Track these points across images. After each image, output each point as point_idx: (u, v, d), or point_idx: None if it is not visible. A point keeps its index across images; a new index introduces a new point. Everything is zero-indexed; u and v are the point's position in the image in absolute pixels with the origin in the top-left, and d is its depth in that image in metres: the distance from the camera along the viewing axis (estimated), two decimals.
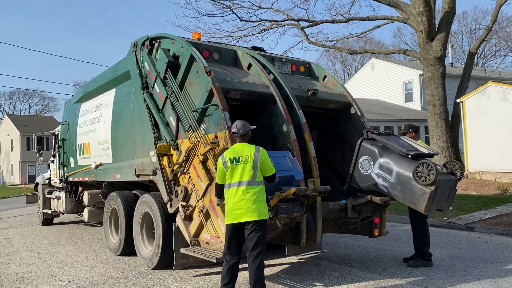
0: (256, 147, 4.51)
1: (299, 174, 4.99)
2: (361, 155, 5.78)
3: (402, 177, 5.26)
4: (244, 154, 4.45)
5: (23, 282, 5.97)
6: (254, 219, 4.34)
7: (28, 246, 8.80)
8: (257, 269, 4.35)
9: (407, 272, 5.73)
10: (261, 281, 4.34)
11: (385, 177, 5.45)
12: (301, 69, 7.15)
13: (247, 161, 4.42)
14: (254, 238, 4.38)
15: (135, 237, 6.88)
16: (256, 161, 4.41)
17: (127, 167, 7.26)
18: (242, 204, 4.35)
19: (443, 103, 14.98)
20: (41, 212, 12.04)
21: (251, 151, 4.46)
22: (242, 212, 4.35)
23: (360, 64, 55.67)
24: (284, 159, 5.00)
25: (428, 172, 5.01)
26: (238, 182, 4.41)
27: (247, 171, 4.40)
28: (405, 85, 31.36)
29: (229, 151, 4.58)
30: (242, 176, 4.40)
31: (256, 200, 4.35)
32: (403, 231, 8.77)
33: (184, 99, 5.76)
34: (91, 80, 9.82)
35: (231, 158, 4.47)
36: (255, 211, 4.34)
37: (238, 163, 4.44)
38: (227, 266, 4.51)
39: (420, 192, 5.06)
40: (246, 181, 4.39)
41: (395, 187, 5.35)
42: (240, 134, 4.61)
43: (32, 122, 52.65)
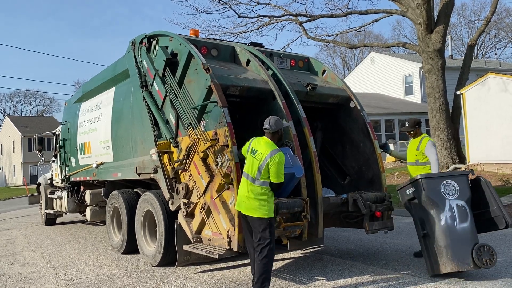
0: (273, 150, 4.41)
1: (299, 171, 4.99)
2: None
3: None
4: (261, 151, 4.45)
5: (27, 282, 5.99)
6: (252, 215, 4.40)
7: (31, 246, 8.83)
8: (260, 263, 4.35)
9: (409, 265, 5.74)
10: (264, 276, 4.33)
11: None
12: (300, 64, 7.15)
13: (257, 158, 4.44)
14: (256, 234, 4.42)
15: (137, 235, 6.89)
16: (264, 163, 4.38)
17: (128, 166, 7.27)
18: (244, 198, 4.44)
19: (443, 96, 14.95)
20: (44, 212, 12.07)
21: (266, 151, 4.41)
22: (243, 205, 4.46)
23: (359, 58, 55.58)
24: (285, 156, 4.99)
25: (489, 256, 4.77)
26: (246, 174, 4.50)
27: (254, 168, 4.44)
28: (405, 78, 31.30)
29: (256, 140, 4.63)
30: (251, 170, 4.47)
31: (254, 198, 4.39)
32: (405, 224, 8.78)
33: (183, 97, 5.75)
34: (90, 79, 9.82)
35: (252, 148, 4.55)
36: (252, 208, 4.39)
37: (253, 155, 4.50)
38: (252, 257, 4.60)
39: None
40: (251, 177, 4.44)
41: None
42: (271, 131, 4.58)
43: (33, 123, 52.72)
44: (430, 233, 5.03)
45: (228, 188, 4.89)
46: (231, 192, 4.88)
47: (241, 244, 4.78)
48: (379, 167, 6.22)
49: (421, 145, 6.10)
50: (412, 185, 5.23)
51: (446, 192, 5.05)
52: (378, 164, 6.23)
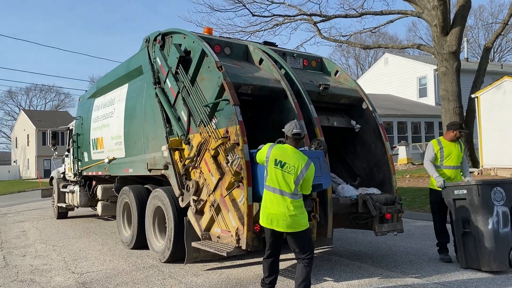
0: (307, 162, 4.17)
1: (327, 183, 4.82)
2: None
3: None
4: (292, 163, 4.14)
5: (37, 273, 6.08)
6: (293, 231, 4.15)
7: (43, 239, 8.96)
8: (306, 272, 4.20)
9: (419, 269, 5.70)
10: (305, 282, 4.20)
11: None
12: (312, 64, 7.13)
13: (291, 173, 4.12)
14: (298, 246, 4.22)
15: (147, 231, 6.95)
16: (301, 177, 4.12)
17: (139, 162, 7.33)
18: (284, 216, 4.11)
19: (458, 98, 14.78)
20: (56, 205, 12.23)
21: (300, 164, 4.13)
22: (283, 223, 4.13)
23: (373, 59, 55.24)
24: (316, 162, 4.61)
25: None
26: (280, 191, 4.14)
27: (288, 182, 4.12)
28: (419, 80, 31.03)
29: (278, 150, 4.25)
30: (283, 185, 4.14)
31: (295, 214, 4.12)
32: (415, 227, 8.71)
33: (196, 94, 5.78)
34: (104, 75, 9.92)
35: (276, 160, 4.18)
36: (297, 224, 4.13)
37: (281, 168, 4.15)
38: (267, 264, 4.42)
39: None
40: (288, 193, 4.13)
41: None
42: (302, 137, 4.34)
43: (47, 117, 53.43)
44: (475, 234, 5.42)
45: (238, 186, 4.90)
46: (240, 190, 4.89)
47: (249, 243, 4.78)
48: (390, 169, 6.18)
49: (462, 147, 6.28)
50: (465, 188, 5.55)
51: (495, 199, 5.45)
52: (389, 166, 6.19)
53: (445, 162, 6.14)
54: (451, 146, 6.19)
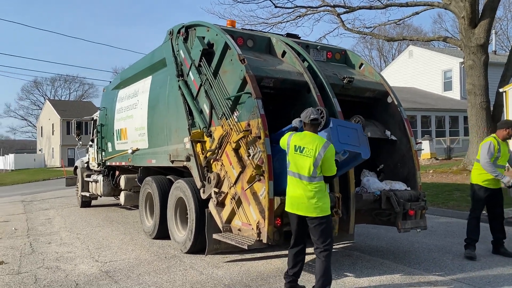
0: (326, 142, 4.26)
1: (366, 153, 4.84)
2: None
3: None
4: (310, 147, 4.22)
5: (62, 261, 6.23)
6: (314, 215, 4.19)
7: (67, 227, 9.17)
8: (326, 263, 4.21)
9: (442, 266, 5.60)
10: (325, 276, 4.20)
11: None
12: (336, 57, 7.03)
13: (310, 156, 4.19)
14: (317, 234, 4.25)
15: (169, 221, 7.03)
16: (319, 158, 4.17)
17: (162, 153, 7.40)
18: (303, 199, 4.22)
19: (485, 93, 14.41)
20: (80, 194, 12.49)
21: (318, 145, 4.20)
22: (302, 206, 4.22)
23: (397, 51, 54.27)
24: (354, 133, 4.81)
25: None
26: (298, 175, 4.26)
27: (307, 166, 4.20)
28: (444, 73, 30.35)
29: (297, 136, 4.38)
30: (303, 169, 4.23)
31: (315, 196, 4.18)
32: (438, 224, 8.56)
33: (218, 87, 5.78)
34: (128, 67, 10.02)
35: (296, 146, 4.31)
36: (315, 207, 4.19)
37: (301, 153, 4.26)
38: (292, 255, 4.48)
39: None
40: (305, 176, 4.22)
41: None
42: (319, 122, 4.44)
43: (72, 107, 54.44)
44: None
45: (259, 180, 4.88)
46: (262, 183, 4.88)
47: (270, 236, 4.78)
48: (414, 164, 6.07)
49: (510, 148, 6.22)
50: None
51: None
52: (413, 161, 6.08)
53: (498, 161, 6.09)
54: (504, 145, 6.15)
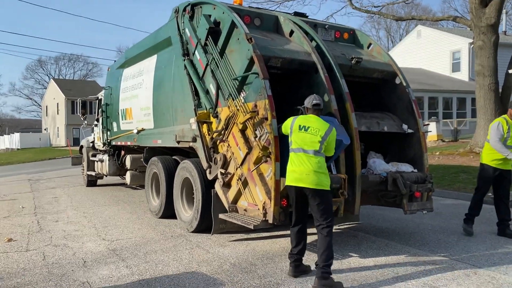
0: (330, 125, 4.44)
1: (347, 139, 4.95)
2: None
3: None
4: (315, 126, 4.39)
5: (70, 239, 6.30)
6: (316, 187, 4.28)
7: (74, 206, 9.25)
8: (327, 238, 4.25)
9: (447, 248, 5.62)
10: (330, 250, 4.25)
11: None
12: (344, 36, 6.91)
13: (316, 134, 4.35)
14: (319, 211, 4.31)
15: (175, 201, 7.07)
16: (325, 138, 4.35)
17: (168, 133, 7.39)
18: (309, 171, 4.29)
19: (494, 74, 14.21)
20: (86, 174, 12.57)
21: (324, 127, 4.39)
22: (307, 178, 4.29)
23: (405, 32, 53.52)
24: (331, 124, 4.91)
25: None
26: (303, 149, 4.36)
27: (314, 142, 4.33)
28: (453, 54, 29.92)
29: (301, 118, 4.52)
30: (308, 145, 4.35)
31: (318, 170, 4.28)
32: (443, 206, 8.57)
33: (224, 67, 5.72)
34: (133, 46, 9.93)
35: (300, 125, 4.44)
36: (316, 180, 4.27)
37: (306, 131, 4.39)
38: (294, 232, 4.56)
39: None
40: (312, 150, 4.33)
41: None
42: (321, 107, 4.58)
43: (76, 86, 54.37)
44: None
45: (266, 161, 4.87)
46: (268, 165, 4.87)
47: (276, 217, 4.79)
48: (421, 146, 6.03)
49: None
50: None
51: None
52: (420, 143, 6.04)
53: (508, 142, 6.13)
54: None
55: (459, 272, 4.65)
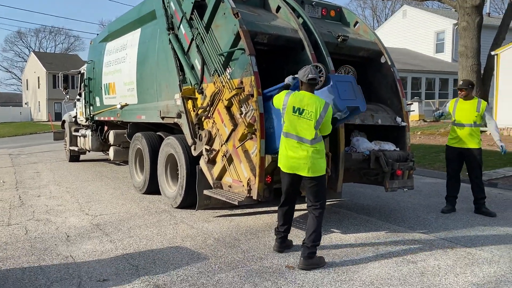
0: (326, 104, 4.19)
1: (363, 106, 4.76)
2: None
3: None
4: (310, 109, 4.14)
5: (53, 214, 6.26)
6: (314, 175, 4.20)
7: (56, 181, 9.16)
8: (318, 220, 4.26)
9: (426, 225, 5.78)
10: (319, 231, 4.28)
11: None
12: (331, 14, 6.87)
13: (311, 119, 4.13)
14: (314, 193, 4.28)
15: (159, 177, 7.06)
16: (320, 121, 4.14)
17: (152, 109, 7.32)
18: (303, 159, 4.18)
19: (477, 55, 14.38)
20: (68, 149, 12.42)
21: (318, 107, 4.14)
22: (304, 167, 4.19)
23: (391, 11, 53.35)
24: (349, 86, 4.68)
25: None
26: (298, 137, 4.19)
27: (309, 129, 4.15)
28: (437, 35, 30.06)
29: (295, 97, 4.23)
30: (304, 132, 4.18)
31: (315, 157, 4.18)
32: (423, 184, 8.75)
33: (210, 42, 5.65)
34: (116, 18, 9.70)
35: (294, 107, 4.19)
36: (316, 168, 4.19)
37: (300, 115, 4.17)
38: (282, 212, 4.54)
39: None
40: (307, 139, 4.17)
41: None
42: (317, 82, 4.33)
43: (58, 60, 53.09)
44: None
45: (251, 138, 4.89)
46: (253, 142, 4.89)
47: (260, 193, 4.85)
48: (404, 125, 6.11)
49: (481, 107, 6.23)
50: None
51: None
52: (402, 120, 6.11)
53: (456, 118, 6.49)
54: (462, 104, 6.46)
55: (437, 248, 4.80)
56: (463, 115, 6.31)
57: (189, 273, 4.02)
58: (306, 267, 4.13)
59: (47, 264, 4.24)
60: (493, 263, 4.33)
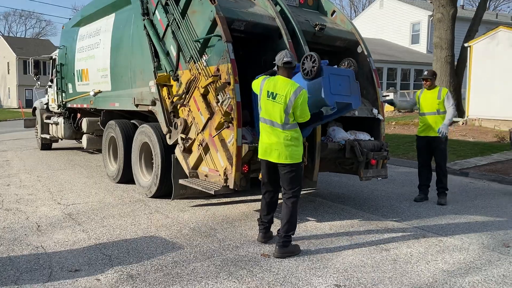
0: (298, 88, 4.07)
1: (357, 103, 4.66)
2: None
3: None
4: (282, 92, 4.06)
5: (23, 203, 6.09)
6: (285, 162, 4.14)
7: (27, 170, 8.92)
8: (292, 208, 4.21)
9: (399, 213, 5.88)
10: (294, 219, 4.25)
11: None
12: (309, 3, 6.84)
13: (281, 102, 4.05)
14: (287, 180, 4.22)
15: (133, 166, 6.94)
16: (290, 105, 4.03)
17: (126, 96, 7.17)
18: (274, 145, 4.15)
19: (451, 47, 14.63)
20: (40, 137, 12.09)
21: (289, 91, 4.04)
22: (275, 153, 4.15)
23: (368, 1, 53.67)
24: (346, 81, 4.56)
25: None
26: (271, 121, 4.15)
27: (279, 113, 4.08)
28: (413, 26, 30.45)
29: (271, 82, 4.18)
30: (275, 116, 4.11)
31: (288, 143, 4.11)
32: (397, 173, 8.90)
33: (186, 28, 5.54)
34: (90, 3, 9.42)
35: (269, 92, 4.14)
36: (287, 154, 4.12)
37: (273, 99, 4.10)
38: (265, 202, 4.47)
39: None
40: (278, 124, 4.11)
41: None
42: (293, 65, 4.22)
43: (28, 45, 51.39)
44: None
45: (228, 127, 4.84)
46: (230, 130, 4.85)
47: (237, 182, 4.82)
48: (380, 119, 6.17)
49: (442, 95, 6.38)
50: None
51: None
52: (378, 112, 6.18)
53: (421, 109, 6.68)
54: (426, 93, 6.64)
55: (409, 236, 4.89)
56: (427, 104, 6.49)
57: (163, 263, 3.97)
58: (281, 255, 4.14)
59: (16, 255, 4.12)
60: (463, 250, 4.44)
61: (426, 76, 6.54)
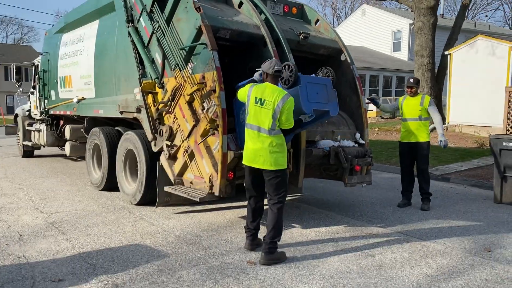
0: (285, 95, 4.14)
1: (334, 110, 4.71)
2: None
3: None
4: (270, 99, 4.11)
5: (4, 212, 5.98)
6: (270, 168, 4.16)
7: (8, 177, 8.76)
8: (277, 214, 4.22)
9: (383, 218, 5.95)
10: (279, 226, 4.25)
11: None
12: (293, 11, 6.92)
13: (269, 108, 4.11)
14: (272, 186, 4.23)
15: (118, 173, 6.89)
16: (277, 110, 4.09)
17: (110, 103, 7.13)
18: (262, 151, 4.15)
19: (431, 55, 14.92)
20: (21, 144, 11.89)
21: (277, 98, 4.10)
22: (260, 159, 4.16)
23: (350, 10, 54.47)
24: (323, 89, 4.64)
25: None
26: (258, 127, 4.18)
27: (267, 118, 4.12)
28: (394, 34, 30.98)
29: (259, 88, 4.23)
30: (263, 122, 4.14)
31: (273, 150, 4.14)
32: (381, 179, 9.01)
33: (171, 36, 5.55)
34: (73, 9, 9.36)
35: (256, 98, 4.19)
36: (272, 161, 4.14)
37: (261, 105, 4.15)
38: (251, 208, 4.46)
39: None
40: (264, 129, 4.14)
41: None
42: (283, 74, 4.28)
43: (10, 51, 50.55)
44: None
45: (213, 134, 4.86)
46: (215, 137, 4.86)
47: (222, 189, 4.83)
48: (363, 122, 6.27)
49: (424, 102, 6.50)
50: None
51: None
52: (362, 119, 6.27)
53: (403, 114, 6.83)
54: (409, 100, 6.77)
55: (393, 241, 4.96)
56: (409, 110, 6.62)
57: (149, 271, 3.95)
58: (267, 262, 4.15)
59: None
60: (446, 255, 4.52)
61: (411, 84, 6.65)
